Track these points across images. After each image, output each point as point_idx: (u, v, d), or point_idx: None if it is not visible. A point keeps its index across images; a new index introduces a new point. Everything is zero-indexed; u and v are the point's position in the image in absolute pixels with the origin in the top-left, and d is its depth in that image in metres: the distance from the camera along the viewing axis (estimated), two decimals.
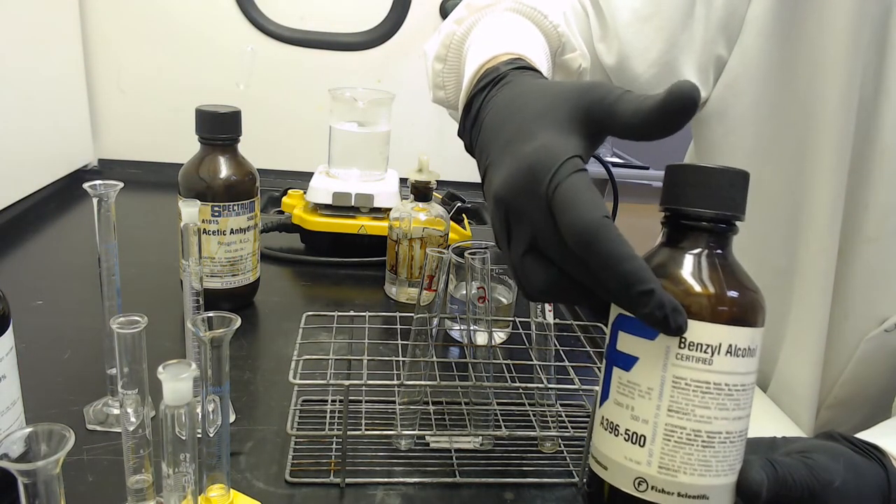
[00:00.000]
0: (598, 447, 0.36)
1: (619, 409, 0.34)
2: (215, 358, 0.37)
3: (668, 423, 0.33)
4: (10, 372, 0.40)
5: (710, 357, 0.32)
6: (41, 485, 0.26)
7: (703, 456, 0.33)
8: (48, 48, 1.04)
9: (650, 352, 0.33)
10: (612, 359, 0.35)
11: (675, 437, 0.33)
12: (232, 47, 1.17)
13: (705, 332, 0.32)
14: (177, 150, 0.77)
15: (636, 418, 0.33)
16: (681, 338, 0.32)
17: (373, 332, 0.58)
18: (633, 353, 0.33)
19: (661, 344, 0.33)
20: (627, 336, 0.34)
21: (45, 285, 0.75)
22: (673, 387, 0.32)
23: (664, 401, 0.33)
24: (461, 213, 1.03)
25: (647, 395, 0.33)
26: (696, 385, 0.32)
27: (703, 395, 0.32)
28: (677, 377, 0.32)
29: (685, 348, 0.32)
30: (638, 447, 0.33)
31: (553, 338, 0.53)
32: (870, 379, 0.58)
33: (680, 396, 0.32)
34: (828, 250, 0.55)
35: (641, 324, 0.32)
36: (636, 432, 0.33)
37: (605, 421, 0.35)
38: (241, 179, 0.68)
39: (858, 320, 0.57)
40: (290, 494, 0.47)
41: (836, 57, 0.52)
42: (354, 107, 0.91)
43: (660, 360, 0.33)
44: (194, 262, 0.48)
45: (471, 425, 0.53)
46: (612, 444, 0.34)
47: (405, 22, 1.17)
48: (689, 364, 0.32)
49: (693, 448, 0.33)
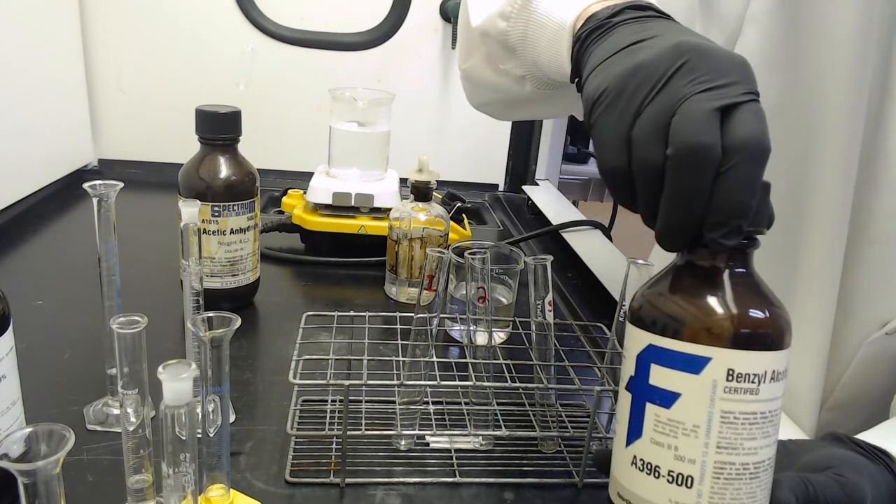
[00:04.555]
0: (632, 489, 0.33)
1: (658, 449, 0.32)
2: (215, 358, 0.37)
3: (717, 461, 0.31)
4: (10, 372, 0.40)
5: (756, 387, 0.31)
6: (41, 485, 0.26)
7: (751, 488, 0.31)
8: (48, 48, 1.04)
9: (695, 387, 0.31)
10: (644, 394, 0.33)
11: (724, 475, 0.31)
12: (232, 47, 1.17)
13: (753, 361, 0.31)
14: (177, 150, 0.77)
15: (681, 458, 0.31)
16: (728, 370, 0.31)
17: (373, 332, 0.58)
18: (673, 389, 0.31)
19: (708, 378, 0.31)
20: (665, 370, 0.32)
21: (45, 285, 0.75)
22: (721, 422, 0.31)
23: (712, 438, 0.31)
24: (461, 213, 1.03)
25: (693, 433, 0.31)
26: (744, 417, 0.31)
27: (751, 426, 0.31)
28: (726, 412, 0.31)
29: (733, 380, 0.31)
30: (685, 489, 0.31)
31: (553, 338, 0.53)
32: (870, 382, 0.58)
33: (729, 431, 0.31)
34: (833, 254, 0.54)
35: (682, 357, 0.31)
36: (682, 473, 0.31)
37: (640, 461, 0.33)
38: (241, 179, 0.68)
39: (860, 323, 0.57)
40: (290, 494, 0.47)
41: (842, 58, 0.51)
42: (354, 107, 0.91)
43: (706, 396, 0.31)
44: (194, 262, 0.48)
45: (471, 425, 0.53)
46: (653, 486, 0.32)
47: (405, 22, 1.17)
48: (738, 396, 0.31)
49: (742, 482, 0.31)
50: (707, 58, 0.33)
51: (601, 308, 0.81)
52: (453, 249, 0.64)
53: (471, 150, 1.28)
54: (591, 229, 1.04)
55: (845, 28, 0.50)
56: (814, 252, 0.56)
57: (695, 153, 0.31)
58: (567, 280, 0.89)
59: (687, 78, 0.33)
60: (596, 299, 0.83)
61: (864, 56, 0.50)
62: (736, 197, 0.31)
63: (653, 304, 0.34)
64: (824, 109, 0.53)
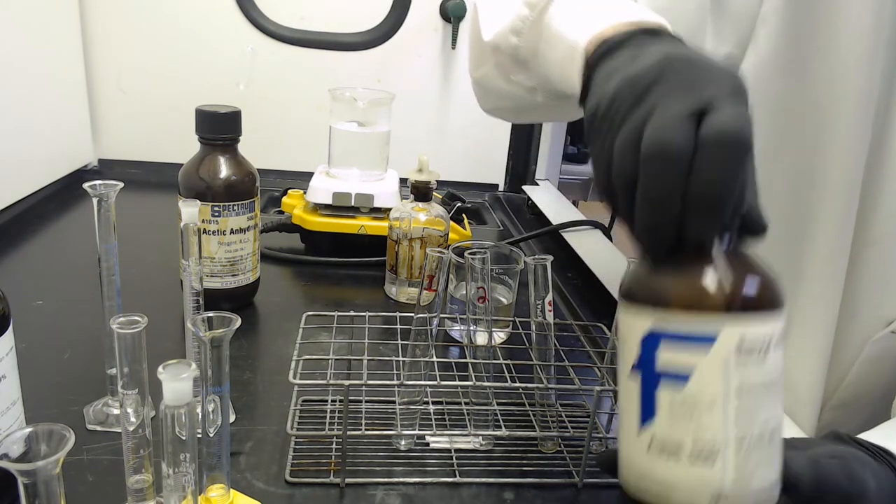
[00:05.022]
0: (653, 475, 0.32)
1: (676, 431, 0.31)
2: (215, 358, 0.37)
3: (738, 435, 0.31)
4: (10, 372, 0.40)
5: (766, 352, 0.31)
6: (41, 485, 0.26)
7: (769, 455, 0.31)
8: (48, 48, 1.04)
9: (708, 362, 0.31)
10: (653, 377, 0.32)
11: (745, 446, 0.31)
12: (232, 47, 1.17)
13: (761, 324, 0.31)
14: (177, 150, 0.77)
15: (701, 437, 0.31)
16: (739, 337, 0.30)
17: (373, 332, 0.58)
18: (684, 369, 0.31)
19: (720, 351, 0.30)
20: (673, 347, 0.31)
21: (45, 285, 0.75)
22: (738, 392, 0.30)
23: (731, 411, 0.30)
24: (461, 213, 1.03)
25: (710, 410, 0.31)
26: (760, 384, 0.31)
27: (766, 392, 0.31)
28: (741, 381, 0.30)
29: (745, 348, 0.30)
30: (709, 466, 0.31)
31: (553, 338, 0.53)
32: (875, 380, 0.58)
33: (746, 401, 0.31)
34: (838, 252, 0.54)
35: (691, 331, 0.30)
36: (703, 450, 0.31)
37: (658, 446, 0.32)
38: (241, 179, 0.68)
39: (864, 321, 0.57)
40: (290, 494, 0.47)
41: (853, 57, 0.51)
42: (354, 107, 0.91)
43: (719, 369, 0.30)
44: (194, 262, 0.48)
45: (471, 425, 0.53)
46: (674, 468, 0.32)
47: (405, 22, 1.17)
48: (751, 363, 0.30)
49: (762, 451, 0.31)
50: (692, 67, 0.33)
51: (601, 308, 0.80)
52: (453, 249, 0.64)
53: (471, 150, 1.28)
54: (591, 229, 1.04)
55: (856, 28, 0.50)
56: (818, 252, 0.56)
57: (661, 151, 0.31)
58: (567, 280, 0.89)
59: (667, 87, 0.33)
60: (596, 299, 0.83)
61: (873, 57, 0.50)
62: (707, 191, 0.31)
63: (653, 280, 0.33)
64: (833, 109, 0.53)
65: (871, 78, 0.50)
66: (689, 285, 0.32)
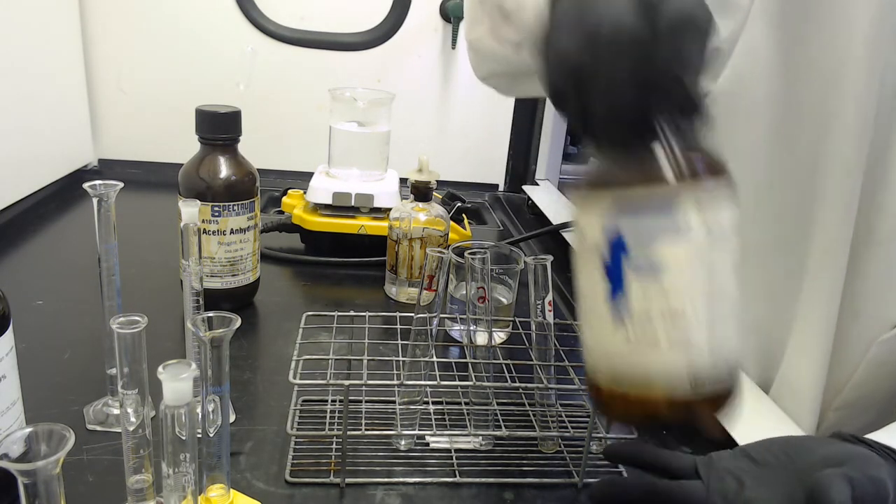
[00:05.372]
0: (632, 370, 0.33)
1: (647, 301, 0.32)
2: (215, 358, 0.37)
3: (707, 298, 0.32)
4: (10, 372, 0.40)
5: (719, 212, 0.32)
6: (41, 485, 0.26)
7: (733, 321, 0.32)
8: (48, 48, 1.04)
9: (671, 232, 0.31)
10: (618, 253, 0.32)
11: (715, 312, 0.32)
12: (232, 47, 1.17)
13: (713, 190, 0.32)
14: (177, 150, 0.77)
15: (672, 305, 0.32)
16: (696, 201, 0.31)
17: (373, 332, 0.58)
18: (648, 239, 0.32)
19: (681, 218, 0.31)
20: (635, 223, 0.32)
21: (45, 285, 0.75)
22: (700, 259, 0.32)
23: (699, 272, 0.32)
24: (461, 213, 1.03)
25: (680, 274, 0.31)
26: (722, 253, 0.32)
27: (727, 259, 0.32)
28: (702, 246, 0.32)
29: (703, 213, 0.31)
30: (682, 328, 0.32)
31: (553, 338, 0.53)
32: (880, 382, 0.57)
33: (712, 265, 0.32)
34: (839, 252, 0.54)
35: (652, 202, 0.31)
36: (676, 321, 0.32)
37: (633, 327, 0.32)
38: (241, 179, 0.68)
39: (869, 322, 0.56)
40: (290, 494, 0.47)
41: (855, 53, 0.50)
42: (354, 107, 0.91)
43: (682, 235, 0.31)
44: (194, 262, 0.48)
45: (471, 425, 0.53)
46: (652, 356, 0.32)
47: (405, 22, 1.17)
48: (713, 231, 0.32)
49: (729, 320, 0.32)
50: None
51: None
52: (453, 249, 0.64)
53: (471, 150, 1.28)
54: None
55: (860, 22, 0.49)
56: (817, 252, 0.56)
57: (616, 35, 0.31)
58: (567, 280, 0.89)
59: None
60: None
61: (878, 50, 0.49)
62: (664, 74, 0.31)
63: (611, 165, 0.34)
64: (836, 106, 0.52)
65: (874, 74, 0.50)
66: (644, 162, 0.33)
